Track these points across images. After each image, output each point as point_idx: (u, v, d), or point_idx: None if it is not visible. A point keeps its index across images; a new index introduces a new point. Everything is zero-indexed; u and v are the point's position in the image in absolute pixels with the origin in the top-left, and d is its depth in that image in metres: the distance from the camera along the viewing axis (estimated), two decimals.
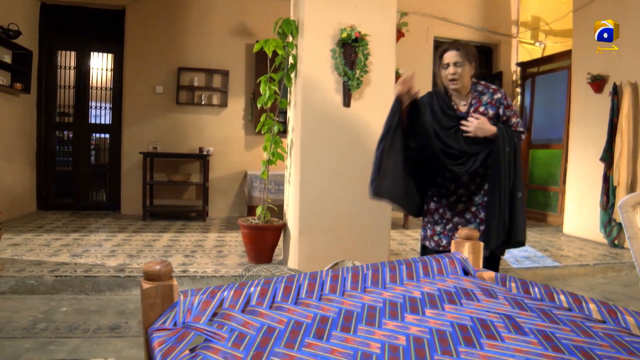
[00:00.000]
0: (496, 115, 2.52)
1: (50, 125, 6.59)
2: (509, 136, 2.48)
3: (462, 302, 1.29)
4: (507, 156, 2.47)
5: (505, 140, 2.46)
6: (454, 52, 2.52)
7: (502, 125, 2.49)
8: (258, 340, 1.02)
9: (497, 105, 2.51)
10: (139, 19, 6.38)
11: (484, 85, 2.59)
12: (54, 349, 2.44)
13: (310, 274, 1.35)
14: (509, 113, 2.52)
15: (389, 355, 0.96)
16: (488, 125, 2.45)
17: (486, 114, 2.50)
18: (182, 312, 1.11)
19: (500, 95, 2.53)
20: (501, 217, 2.49)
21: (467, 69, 2.50)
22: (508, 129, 2.50)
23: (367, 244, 3.50)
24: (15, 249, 4.07)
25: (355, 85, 3.36)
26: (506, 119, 2.53)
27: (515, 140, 2.50)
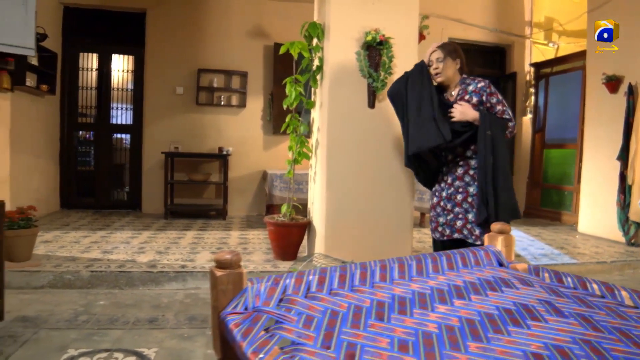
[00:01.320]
0: (480, 102, 2.77)
1: (73, 125, 6.75)
2: (491, 121, 2.72)
3: (502, 290, 1.39)
4: (489, 139, 2.71)
5: (486, 124, 2.71)
6: (437, 50, 2.88)
7: (485, 111, 2.74)
8: (325, 322, 1.13)
9: (481, 92, 2.77)
10: (159, 22, 6.53)
11: (472, 78, 2.87)
12: (98, 339, 2.56)
13: (361, 264, 1.46)
14: (493, 100, 2.77)
15: (447, 334, 1.07)
16: (471, 111, 2.73)
17: (470, 101, 2.77)
18: (251, 297, 1.22)
19: (483, 84, 2.79)
20: (483, 196, 2.73)
21: (449, 63, 2.85)
22: (492, 115, 2.75)
23: (391, 241, 3.60)
24: (48, 246, 4.21)
25: (379, 87, 3.47)
26: (490, 105, 2.77)
27: (499, 125, 2.72)
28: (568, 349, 1.00)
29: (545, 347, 1.01)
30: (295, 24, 6.45)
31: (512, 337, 1.06)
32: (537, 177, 7.29)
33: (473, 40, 7.51)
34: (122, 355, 2.36)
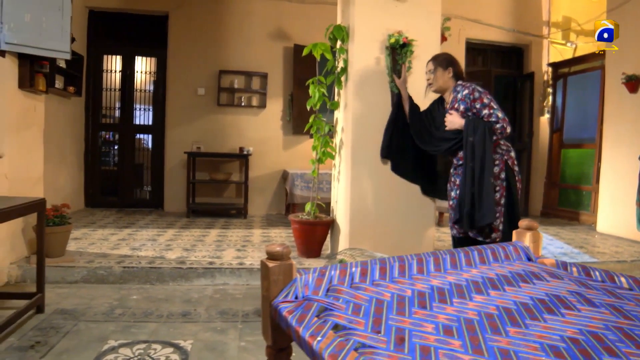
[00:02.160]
0: (467, 109, 2.94)
1: (97, 126, 6.92)
2: (474, 127, 2.87)
3: (534, 282, 1.47)
4: (470, 145, 2.88)
5: (469, 131, 2.88)
6: (429, 62, 3.15)
7: (471, 118, 2.91)
8: (372, 309, 1.22)
9: (466, 100, 2.94)
10: (181, 24, 6.66)
11: (462, 84, 3.02)
12: (136, 331, 2.68)
13: (399, 258, 1.55)
14: (477, 106, 2.91)
15: (487, 321, 1.15)
16: (458, 119, 2.95)
17: (458, 109, 2.97)
18: (301, 287, 1.31)
19: (467, 91, 2.95)
20: (461, 196, 2.95)
21: (440, 73, 3.07)
22: (477, 121, 2.89)
23: (413, 239, 3.68)
24: (78, 243, 4.35)
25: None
26: (476, 111, 2.91)
27: (482, 130, 2.85)
28: (602, 334, 1.08)
29: (580, 332, 1.09)
30: (314, 26, 6.60)
31: (548, 323, 1.14)
32: (555, 177, 7.30)
33: (491, 41, 7.54)
34: (159, 346, 2.47)
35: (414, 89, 3.55)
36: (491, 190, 2.87)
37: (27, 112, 3.74)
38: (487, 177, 2.86)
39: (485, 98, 2.92)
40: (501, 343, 1.03)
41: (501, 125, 2.86)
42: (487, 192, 2.85)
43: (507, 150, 3.00)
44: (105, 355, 2.33)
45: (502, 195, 2.94)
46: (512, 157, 3.02)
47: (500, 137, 2.92)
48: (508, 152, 3.00)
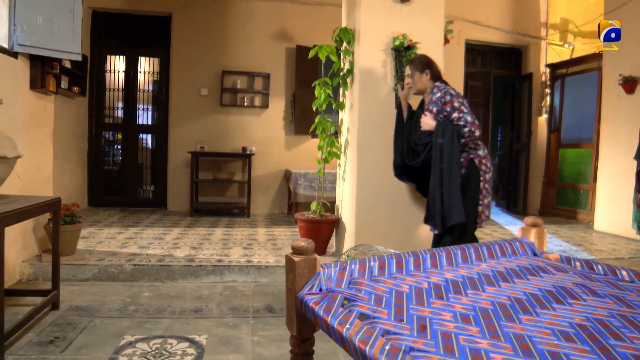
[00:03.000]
0: (439, 112, 3.08)
1: (100, 126, 6.98)
2: (443, 130, 3.01)
3: (540, 275, 1.56)
4: (438, 147, 3.02)
5: (438, 133, 3.02)
6: (407, 67, 3.31)
7: (441, 120, 3.05)
8: (393, 300, 1.30)
9: (438, 103, 3.08)
10: (184, 25, 6.73)
11: (437, 87, 3.15)
12: (151, 327, 2.75)
13: (413, 253, 1.63)
14: (447, 109, 3.04)
15: (501, 310, 1.24)
16: (431, 121, 3.09)
17: (431, 111, 3.11)
18: (324, 280, 1.40)
19: (440, 94, 3.08)
20: (431, 197, 3.09)
21: (417, 76, 3.23)
22: (446, 124, 3.03)
23: (418, 237, 3.77)
24: (86, 242, 4.42)
25: None
26: (446, 114, 3.05)
27: (450, 133, 2.98)
28: (607, 321, 1.17)
29: (587, 319, 1.18)
30: (317, 27, 6.70)
31: (557, 312, 1.23)
32: (553, 176, 7.41)
33: (490, 42, 7.64)
34: (175, 341, 2.55)
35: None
36: (459, 192, 2.99)
37: (38, 113, 3.81)
38: (454, 178, 2.99)
39: (456, 102, 3.03)
40: (515, 329, 1.11)
41: (469, 129, 2.98)
42: (456, 192, 2.98)
43: (475, 148, 3.10)
44: (124, 350, 2.41)
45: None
46: (480, 155, 3.11)
47: (469, 140, 3.03)
48: (475, 151, 3.10)
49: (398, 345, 1.02)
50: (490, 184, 3.15)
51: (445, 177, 2.99)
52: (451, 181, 2.98)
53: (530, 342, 1.05)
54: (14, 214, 2.32)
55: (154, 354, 2.37)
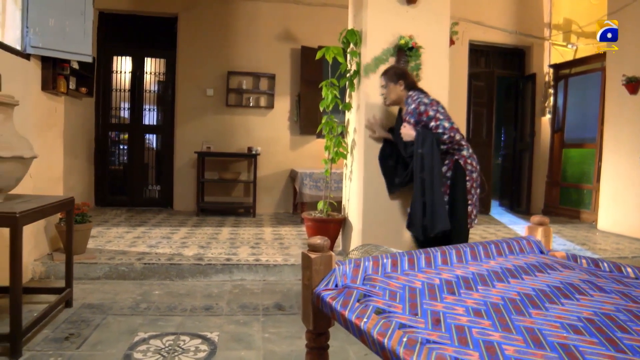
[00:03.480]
0: (417, 122, 3.13)
1: (106, 126, 7.04)
2: (423, 139, 3.05)
3: (548, 272, 1.61)
4: (419, 157, 3.06)
5: (418, 143, 3.07)
6: (381, 78, 3.36)
7: (421, 130, 3.09)
8: (407, 295, 1.35)
9: (414, 113, 3.13)
10: (190, 26, 6.79)
11: (411, 97, 3.20)
12: (163, 324, 2.81)
13: (424, 251, 1.68)
14: (424, 119, 3.10)
15: (511, 305, 1.28)
16: (411, 131, 3.13)
17: (410, 122, 3.16)
18: (340, 276, 1.45)
19: (414, 105, 3.14)
20: (413, 205, 3.16)
21: (392, 87, 3.28)
22: (426, 133, 3.06)
23: None
24: (95, 241, 4.47)
25: None
26: (424, 123, 3.10)
27: (430, 142, 3.03)
28: (614, 315, 1.21)
29: (595, 314, 1.23)
30: (321, 28, 6.75)
31: (565, 306, 1.28)
32: (556, 176, 7.44)
33: (493, 43, 7.69)
34: (188, 338, 2.60)
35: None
36: (443, 200, 3.04)
37: (49, 114, 3.86)
38: (437, 186, 3.03)
39: (431, 110, 3.07)
40: (526, 322, 1.16)
41: (448, 136, 3.03)
42: (439, 202, 3.02)
43: (459, 149, 3.15)
44: (138, 346, 2.47)
45: (445, 192, 3.12)
46: (464, 155, 3.15)
47: (450, 145, 3.08)
48: (459, 152, 3.14)
49: (415, 338, 1.07)
50: (477, 183, 3.21)
51: (427, 186, 3.04)
52: (434, 190, 3.03)
53: (541, 335, 1.10)
54: (30, 213, 2.38)
55: (168, 350, 2.43)
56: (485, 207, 7.48)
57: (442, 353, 0.99)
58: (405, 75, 3.28)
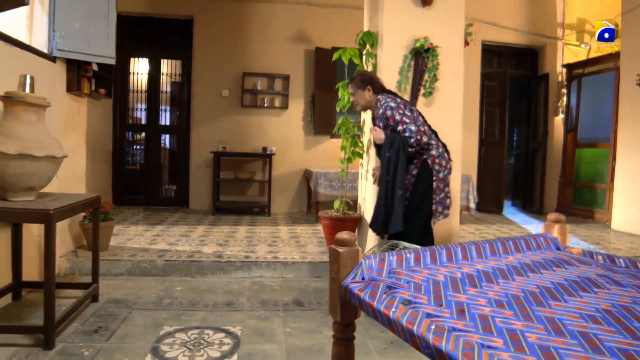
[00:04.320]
0: (385, 126, 3.20)
1: (123, 126, 7.17)
2: (390, 143, 3.12)
3: (565, 267, 1.67)
4: (386, 159, 3.14)
5: (386, 147, 3.14)
6: (349, 86, 3.43)
7: (389, 133, 3.16)
8: (431, 287, 1.42)
9: (382, 118, 3.21)
10: (206, 28, 6.90)
11: (379, 101, 3.26)
12: (187, 318, 2.90)
13: (444, 246, 1.75)
14: (391, 123, 3.17)
15: (531, 296, 1.35)
16: (380, 134, 3.20)
17: (380, 126, 3.24)
18: (366, 270, 1.52)
19: (381, 111, 3.21)
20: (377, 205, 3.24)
21: (360, 93, 3.34)
22: (394, 136, 3.13)
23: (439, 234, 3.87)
24: (116, 239, 4.58)
25: (427, 93, 3.77)
26: (392, 128, 3.17)
27: (397, 145, 3.10)
28: (631, 307, 1.27)
29: (612, 306, 1.29)
30: (335, 29, 6.83)
31: (583, 299, 1.34)
32: (569, 176, 7.45)
33: (506, 43, 7.72)
34: (212, 331, 2.69)
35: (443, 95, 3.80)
36: (400, 203, 3.13)
37: (73, 115, 3.97)
38: (396, 189, 3.11)
39: (397, 114, 3.14)
40: (546, 313, 1.23)
41: (415, 139, 3.10)
42: (397, 204, 3.11)
43: (428, 149, 3.22)
44: (164, 339, 2.55)
45: (406, 189, 3.20)
46: (433, 155, 3.22)
47: (418, 148, 3.15)
48: (428, 152, 3.21)
49: (442, 326, 1.14)
50: (445, 182, 3.29)
51: (389, 188, 3.13)
52: (394, 193, 3.12)
53: (561, 324, 1.16)
54: (63, 210, 2.47)
55: (193, 343, 2.51)
56: (497, 206, 7.51)
57: (468, 339, 1.06)
58: (371, 80, 3.34)
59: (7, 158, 2.32)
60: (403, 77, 3.79)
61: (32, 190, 2.55)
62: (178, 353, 2.39)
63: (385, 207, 3.16)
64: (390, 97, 3.26)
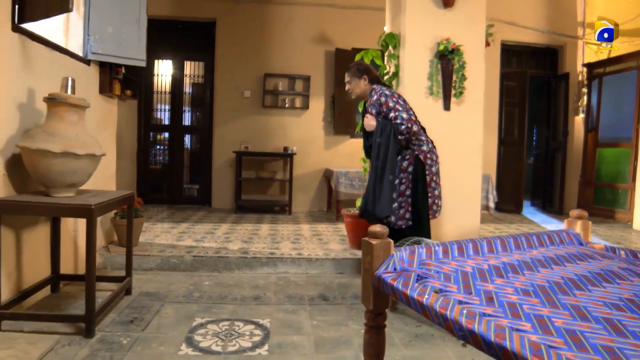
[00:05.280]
0: (378, 113, 3.27)
1: (148, 127, 7.35)
2: (381, 129, 3.19)
3: (588, 260, 1.74)
4: (377, 145, 3.20)
5: (377, 133, 3.20)
6: (346, 74, 3.48)
7: (381, 120, 3.23)
8: (460, 277, 1.50)
9: (376, 105, 3.27)
10: (228, 30, 7.04)
11: (374, 89, 3.34)
12: (217, 311, 3.01)
13: (471, 240, 1.83)
14: (384, 110, 3.23)
15: (556, 286, 1.42)
16: (372, 121, 3.26)
17: (372, 113, 3.30)
18: (397, 261, 1.61)
19: (376, 97, 3.28)
20: (367, 192, 3.28)
21: (356, 82, 3.40)
22: (385, 123, 3.20)
23: (463, 230, 3.95)
24: (144, 235, 4.72)
25: (458, 93, 3.84)
26: (384, 114, 3.23)
27: (388, 133, 3.16)
28: None
29: (635, 295, 1.36)
30: (355, 30, 6.93)
31: (607, 289, 1.41)
32: (590, 176, 7.43)
33: (526, 42, 7.72)
34: (242, 323, 2.79)
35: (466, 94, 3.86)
36: (389, 188, 3.18)
37: (105, 115, 4.12)
38: (387, 174, 3.17)
39: (390, 102, 3.21)
40: (571, 301, 1.30)
41: (405, 127, 3.15)
42: (386, 189, 3.17)
43: (419, 145, 3.26)
44: (197, 330, 2.67)
45: (407, 187, 3.24)
46: (424, 150, 3.27)
47: (408, 136, 3.20)
48: (419, 147, 3.26)
49: (473, 311, 1.22)
50: (438, 176, 3.34)
51: (379, 174, 3.18)
52: (384, 178, 3.17)
53: (586, 311, 1.23)
54: (102, 205, 2.60)
55: (225, 333, 2.62)
56: (516, 206, 7.53)
57: (499, 323, 1.14)
58: (368, 70, 3.41)
59: (52, 156, 2.45)
60: (434, 81, 3.87)
61: (73, 186, 2.68)
62: (211, 343, 2.49)
63: (374, 192, 3.22)
64: (385, 87, 3.35)
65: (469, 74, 3.90)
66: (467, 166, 3.96)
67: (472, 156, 3.97)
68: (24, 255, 2.84)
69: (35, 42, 2.88)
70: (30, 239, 2.92)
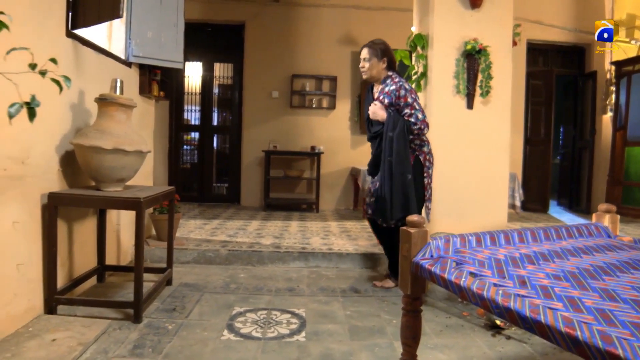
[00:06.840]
0: (390, 104, 3.13)
1: (179, 127, 7.56)
2: (394, 123, 3.08)
3: (617, 251, 1.82)
4: (388, 140, 3.09)
5: (389, 127, 3.09)
6: (365, 49, 3.28)
7: (393, 113, 3.10)
8: (494, 264, 1.61)
9: (392, 95, 3.14)
10: (256, 32, 7.21)
11: (392, 78, 3.21)
12: (254, 301, 3.15)
13: (502, 231, 1.93)
14: (401, 103, 3.12)
15: (586, 272, 1.52)
16: (381, 111, 3.15)
17: (383, 102, 3.16)
18: (434, 249, 1.72)
19: (394, 87, 3.14)
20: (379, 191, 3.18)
21: (375, 63, 3.24)
22: (397, 117, 3.09)
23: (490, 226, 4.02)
24: (179, 230, 4.89)
25: (484, 93, 3.92)
26: (399, 107, 3.12)
27: (401, 128, 3.06)
28: None
29: None
30: (380, 31, 6.99)
31: (635, 275, 1.50)
32: (618, 175, 7.38)
33: (552, 41, 7.71)
34: (278, 312, 2.93)
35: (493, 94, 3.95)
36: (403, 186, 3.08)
37: (143, 115, 4.31)
38: (407, 174, 3.09)
39: (410, 97, 3.13)
40: (600, 285, 1.40)
41: (419, 127, 3.11)
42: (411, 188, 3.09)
43: (420, 145, 3.27)
44: (237, 318, 2.81)
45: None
46: (425, 151, 3.27)
47: (417, 137, 3.17)
48: (420, 148, 3.27)
49: (508, 291, 1.33)
50: (431, 179, 3.34)
51: (395, 171, 3.08)
52: (403, 175, 3.08)
53: (615, 293, 1.33)
54: (149, 199, 2.77)
55: (263, 321, 2.76)
56: (543, 205, 7.53)
57: (533, 301, 1.25)
58: (389, 53, 3.28)
59: (103, 152, 2.62)
60: (460, 79, 3.95)
61: (122, 181, 2.86)
62: (251, 329, 2.64)
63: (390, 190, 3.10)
64: (404, 79, 3.26)
65: (495, 74, 3.96)
66: (494, 163, 4.03)
67: (499, 154, 4.04)
68: (75, 246, 3.03)
69: (85, 47, 3.06)
70: (80, 231, 3.11)
